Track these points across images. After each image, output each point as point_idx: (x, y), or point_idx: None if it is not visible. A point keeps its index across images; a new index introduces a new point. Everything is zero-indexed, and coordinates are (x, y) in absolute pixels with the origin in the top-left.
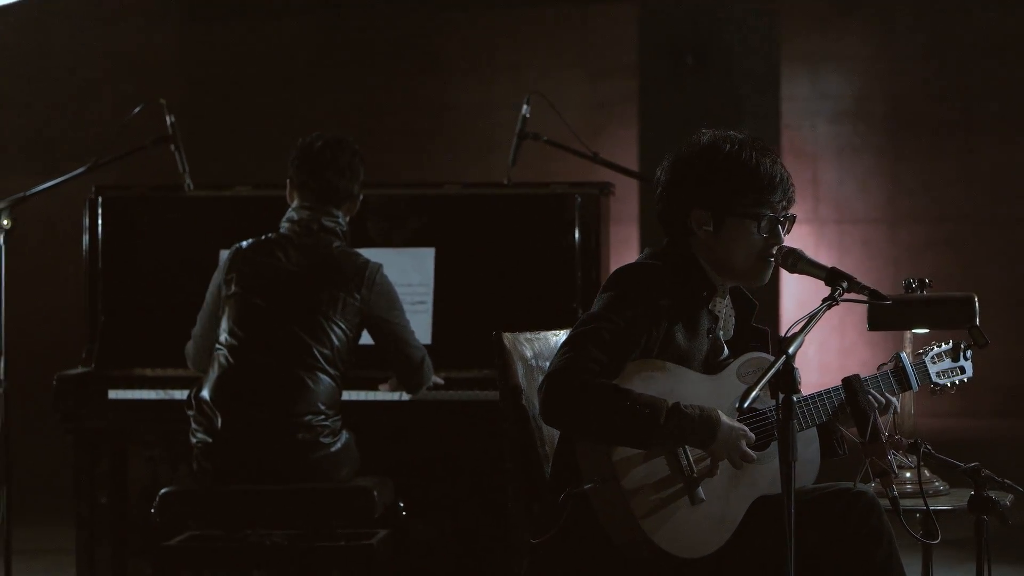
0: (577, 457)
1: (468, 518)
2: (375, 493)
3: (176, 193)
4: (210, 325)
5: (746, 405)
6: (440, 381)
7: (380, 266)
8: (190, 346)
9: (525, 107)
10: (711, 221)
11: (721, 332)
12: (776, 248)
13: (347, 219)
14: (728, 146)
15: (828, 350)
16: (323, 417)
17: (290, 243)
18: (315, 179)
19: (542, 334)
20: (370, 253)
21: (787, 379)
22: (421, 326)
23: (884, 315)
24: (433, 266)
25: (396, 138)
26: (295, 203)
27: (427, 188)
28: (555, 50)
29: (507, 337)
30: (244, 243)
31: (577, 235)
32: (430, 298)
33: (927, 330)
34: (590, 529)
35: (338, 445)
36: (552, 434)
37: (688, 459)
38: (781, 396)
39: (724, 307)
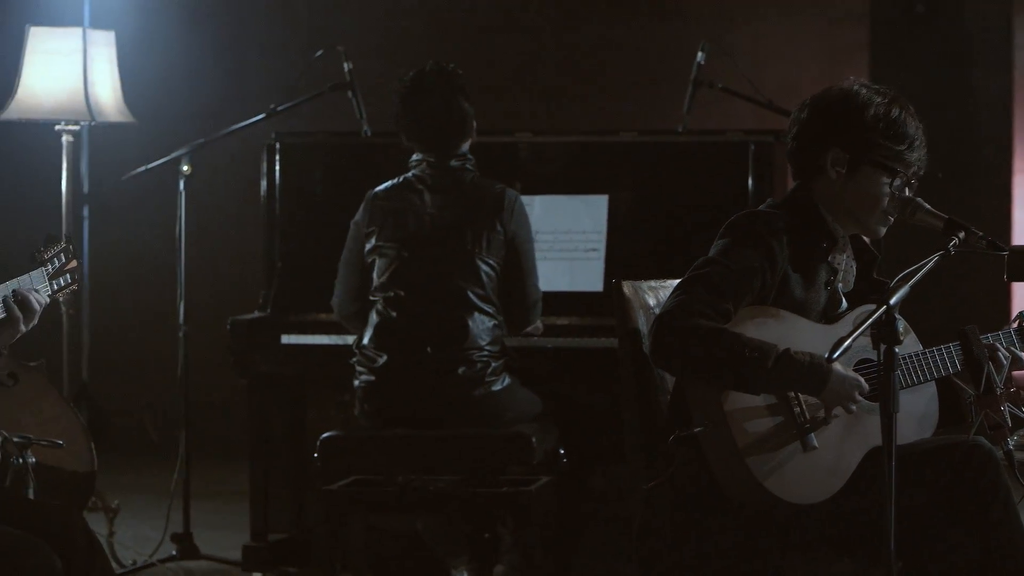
0: (688, 402)
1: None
2: (533, 439)
3: (353, 139)
4: (351, 273)
5: (835, 356)
6: (539, 327)
7: (517, 194)
8: (335, 297)
9: (700, 54)
10: (847, 164)
11: (840, 285)
12: (894, 194)
13: (469, 143)
14: (879, 98)
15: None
16: (485, 354)
17: (424, 185)
18: (424, 130)
19: (667, 282)
20: (543, 200)
21: (889, 330)
22: (593, 274)
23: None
24: (606, 213)
25: (572, 84)
26: (416, 152)
27: (602, 135)
28: None
29: (627, 285)
30: (379, 188)
31: (751, 183)
32: (603, 245)
33: None
34: (700, 474)
35: (500, 386)
36: (672, 382)
37: (801, 406)
38: (883, 347)
39: (844, 260)
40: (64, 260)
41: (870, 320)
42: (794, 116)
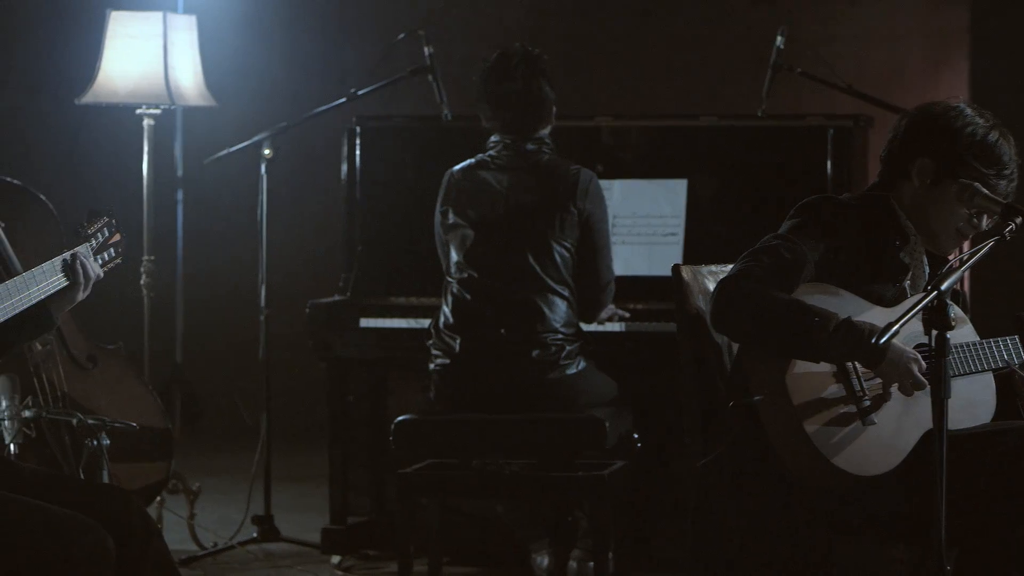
0: (748, 372)
1: None
2: (607, 424)
3: (434, 123)
4: (442, 254)
5: (883, 341)
6: (626, 314)
7: (593, 174)
8: None
9: (779, 39)
10: (932, 175)
11: (908, 283)
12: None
13: (549, 129)
14: (982, 120)
15: None
16: (560, 337)
17: (500, 165)
18: (505, 114)
19: (728, 267)
20: (623, 184)
21: (940, 316)
22: (672, 258)
23: None
24: (685, 198)
25: (652, 68)
26: (495, 134)
27: (681, 119)
28: None
29: (686, 269)
30: (456, 168)
31: (829, 168)
32: (681, 230)
33: None
34: (758, 446)
35: (574, 369)
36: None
37: (860, 381)
38: (935, 333)
39: (914, 259)
40: (108, 234)
41: (921, 304)
42: (896, 121)
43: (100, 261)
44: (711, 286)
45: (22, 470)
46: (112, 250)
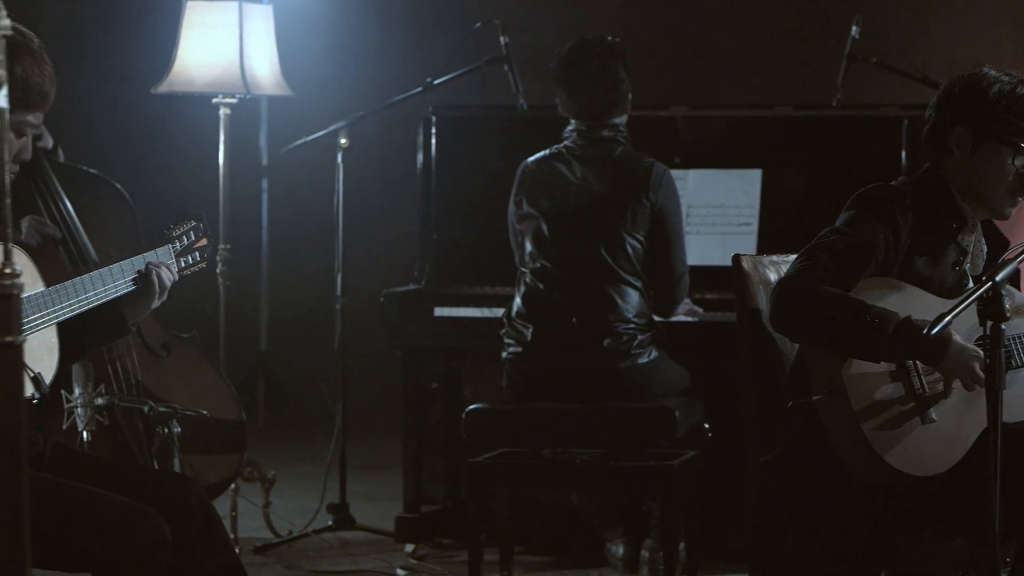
0: (808, 371)
1: None
2: (677, 413)
3: (509, 113)
4: (516, 244)
5: (935, 332)
6: (699, 310)
7: (666, 168)
8: None
9: (854, 28)
10: (970, 142)
11: (968, 267)
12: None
13: (624, 119)
14: (1007, 77)
15: None
16: (631, 327)
17: (574, 156)
18: (580, 99)
19: (789, 257)
20: (697, 174)
21: (995, 307)
22: (746, 248)
23: None
24: (760, 188)
25: (727, 58)
26: (571, 123)
27: (756, 109)
28: None
29: (747, 260)
30: (530, 159)
31: (904, 158)
32: (756, 220)
33: None
34: (818, 444)
35: (646, 359)
36: (790, 359)
37: (920, 378)
38: (989, 324)
39: (973, 241)
40: (194, 238)
41: (975, 295)
42: (932, 101)
43: (183, 264)
44: (772, 277)
45: (81, 457)
46: (197, 254)
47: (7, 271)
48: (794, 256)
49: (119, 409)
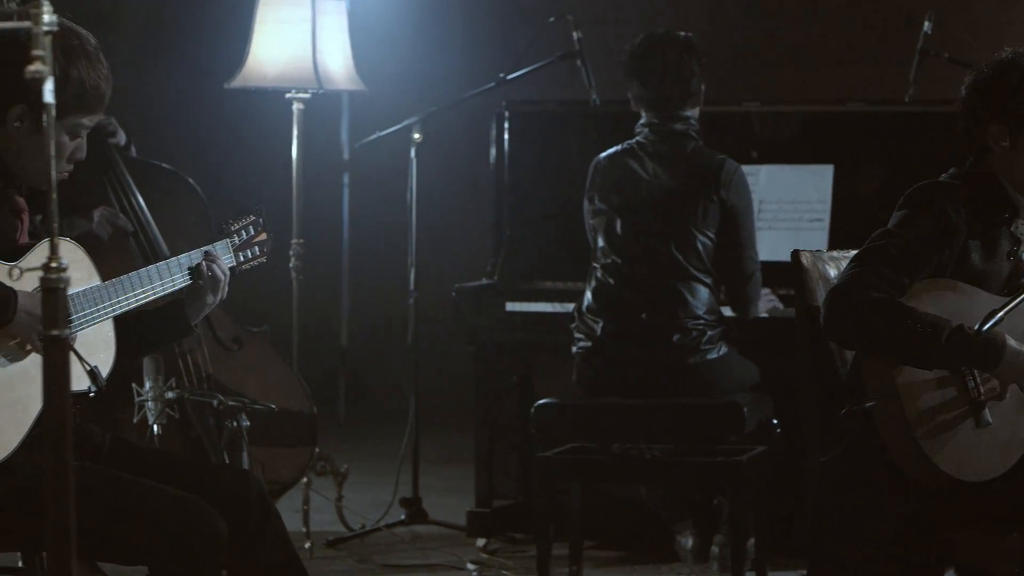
0: (862, 375)
1: None
2: (745, 409)
3: (582, 108)
4: (591, 239)
5: (986, 327)
6: (780, 306)
7: (738, 165)
8: None
9: (927, 23)
10: (1008, 136)
11: None
12: None
13: (697, 112)
14: None
15: None
16: (701, 323)
17: (645, 152)
18: (652, 90)
19: (850, 252)
20: (769, 169)
21: None
22: (818, 243)
23: None
24: (831, 183)
25: (800, 54)
26: (643, 116)
27: (829, 105)
28: None
29: (806, 255)
30: (602, 155)
31: None
32: (827, 216)
33: None
34: (873, 448)
35: (715, 354)
36: (850, 357)
37: (975, 381)
38: None
39: None
40: (252, 232)
41: (1022, 296)
42: (961, 96)
43: (242, 258)
44: (832, 272)
45: (140, 451)
46: (257, 248)
47: (53, 265)
48: (852, 251)
49: (189, 403)
